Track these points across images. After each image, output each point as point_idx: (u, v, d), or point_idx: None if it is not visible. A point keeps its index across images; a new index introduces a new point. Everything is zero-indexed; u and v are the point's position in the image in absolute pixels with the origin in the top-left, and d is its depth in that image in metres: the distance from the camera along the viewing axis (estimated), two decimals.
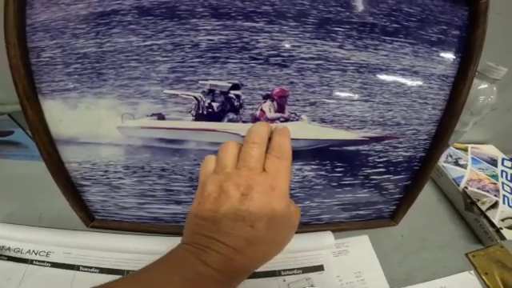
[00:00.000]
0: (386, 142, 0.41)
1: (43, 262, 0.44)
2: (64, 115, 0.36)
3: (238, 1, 0.33)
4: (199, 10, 0.33)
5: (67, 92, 0.35)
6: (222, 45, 0.34)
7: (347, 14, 0.35)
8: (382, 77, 0.37)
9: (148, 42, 0.33)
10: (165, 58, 0.34)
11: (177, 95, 0.35)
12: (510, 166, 0.64)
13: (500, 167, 0.63)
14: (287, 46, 0.35)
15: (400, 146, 0.42)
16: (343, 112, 0.38)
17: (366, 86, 0.38)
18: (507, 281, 0.46)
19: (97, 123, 0.36)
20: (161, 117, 0.36)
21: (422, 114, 0.40)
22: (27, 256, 0.44)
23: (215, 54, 0.34)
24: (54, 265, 0.44)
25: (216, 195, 0.26)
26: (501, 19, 0.47)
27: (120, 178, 0.40)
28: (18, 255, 0.44)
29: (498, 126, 0.68)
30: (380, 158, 0.42)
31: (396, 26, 0.36)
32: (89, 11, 0.32)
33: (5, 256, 0.44)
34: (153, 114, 0.36)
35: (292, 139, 0.38)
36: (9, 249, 0.44)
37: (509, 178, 0.61)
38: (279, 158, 0.27)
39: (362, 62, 0.36)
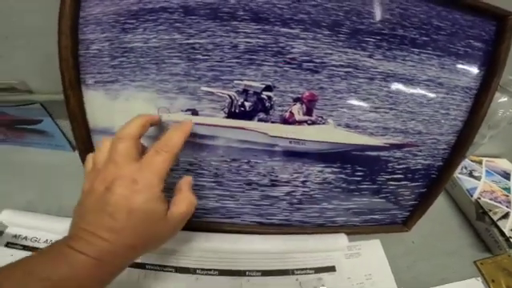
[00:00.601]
0: (407, 149, 0.43)
1: None
2: (104, 106, 0.38)
3: (277, 8, 0.35)
4: (240, 13, 0.35)
5: (110, 84, 0.37)
6: (259, 48, 0.36)
7: (379, 25, 0.37)
8: (408, 87, 0.40)
9: (191, 41, 0.35)
10: (205, 57, 0.36)
11: (213, 93, 0.37)
12: None
13: None
14: (320, 52, 0.37)
15: (419, 154, 0.44)
16: (368, 118, 0.40)
17: (391, 95, 0.40)
18: None
19: (133, 115, 0.38)
20: (195, 112, 0.38)
21: (443, 125, 0.42)
22: (44, 245, 0.44)
23: (252, 56, 0.36)
24: None
25: (87, 192, 0.30)
26: None
27: None
28: (35, 245, 0.44)
29: None
30: (399, 164, 0.44)
31: (425, 38, 0.38)
32: (139, 7, 0.35)
33: (20, 245, 0.44)
34: (187, 110, 0.38)
35: (317, 141, 0.41)
36: (25, 238, 0.45)
37: None
38: (157, 152, 0.30)
39: (389, 71, 0.38)
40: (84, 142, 0.40)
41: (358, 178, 0.44)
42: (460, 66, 0.40)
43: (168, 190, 0.43)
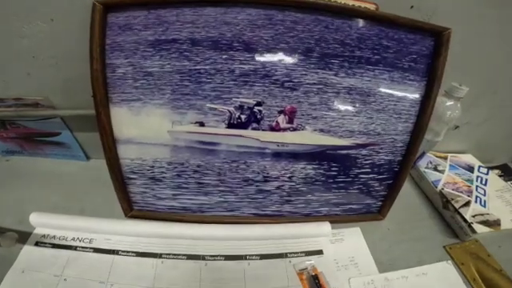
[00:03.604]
0: (370, 147, 0.56)
1: (86, 247, 0.53)
2: (127, 120, 0.50)
3: (263, 39, 0.49)
4: (235, 44, 0.48)
5: (133, 102, 0.49)
6: (251, 72, 0.49)
7: (341, 49, 0.51)
8: (366, 97, 0.53)
9: (197, 67, 0.48)
10: (209, 80, 0.49)
11: (216, 109, 0.51)
12: (485, 172, 0.79)
13: (476, 173, 0.78)
14: (297, 74, 0.51)
15: (381, 151, 0.57)
16: (337, 124, 0.54)
17: (354, 105, 0.53)
18: (481, 270, 0.57)
19: (152, 127, 0.51)
20: (202, 124, 0.52)
21: (397, 126, 0.56)
22: (71, 243, 0.54)
23: (245, 78, 0.50)
24: (96, 250, 0.53)
25: None
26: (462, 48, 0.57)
27: (162, 172, 0.55)
28: (63, 242, 0.53)
29: (475, 137, 0.82)
30: (366, 160, 0.57)
31: (377, 57, 0.52)
32: (155, 38, 0.47)
33: (49, 244, 0.53)
34: (196, 122, 0.51)
35: (298, 144, 0.55)
36: (54, 237, 0.54)
37: (483, 182, 0.75)
38: None
39: (351, 86, 0.52)
40: (111, 150, 0.52)
41: (334, 173, 0.58)
42: (406, 78, 0.53)
43: (177, 188, 0.56)
